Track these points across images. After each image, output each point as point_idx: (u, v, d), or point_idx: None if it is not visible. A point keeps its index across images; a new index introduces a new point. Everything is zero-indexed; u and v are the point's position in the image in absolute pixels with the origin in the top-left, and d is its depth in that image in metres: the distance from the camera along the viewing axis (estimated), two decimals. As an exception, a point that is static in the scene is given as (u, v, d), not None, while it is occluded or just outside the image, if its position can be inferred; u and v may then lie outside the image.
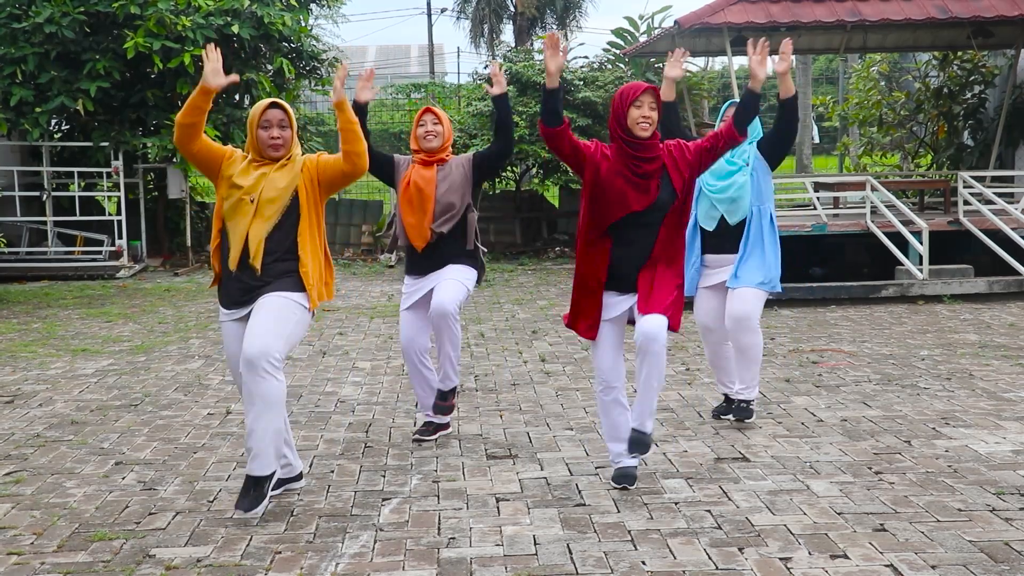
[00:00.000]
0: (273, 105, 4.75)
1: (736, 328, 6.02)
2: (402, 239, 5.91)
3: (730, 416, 6.22)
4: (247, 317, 4.74)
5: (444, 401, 5.93)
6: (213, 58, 4.66)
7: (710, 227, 6.10)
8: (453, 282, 5.77)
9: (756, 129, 6.11)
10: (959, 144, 16.37)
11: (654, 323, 4.87)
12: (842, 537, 4.37)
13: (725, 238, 6.08)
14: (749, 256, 6.00)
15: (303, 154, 4.88)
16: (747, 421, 6.15)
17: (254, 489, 4.65)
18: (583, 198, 5.08)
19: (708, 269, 6.17)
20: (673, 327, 5.01)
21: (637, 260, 4.99)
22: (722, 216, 6.06)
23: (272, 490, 4.81)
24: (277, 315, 4.65)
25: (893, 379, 7.37)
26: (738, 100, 6.06)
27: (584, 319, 5.13)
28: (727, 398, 6.29)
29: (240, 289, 4.74)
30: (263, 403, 4.60)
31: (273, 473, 4.72)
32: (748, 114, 5.11)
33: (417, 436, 5.94)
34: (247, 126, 4.79)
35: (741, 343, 6.05)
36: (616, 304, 5.07)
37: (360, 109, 5.41)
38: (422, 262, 5.85)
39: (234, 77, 4.78)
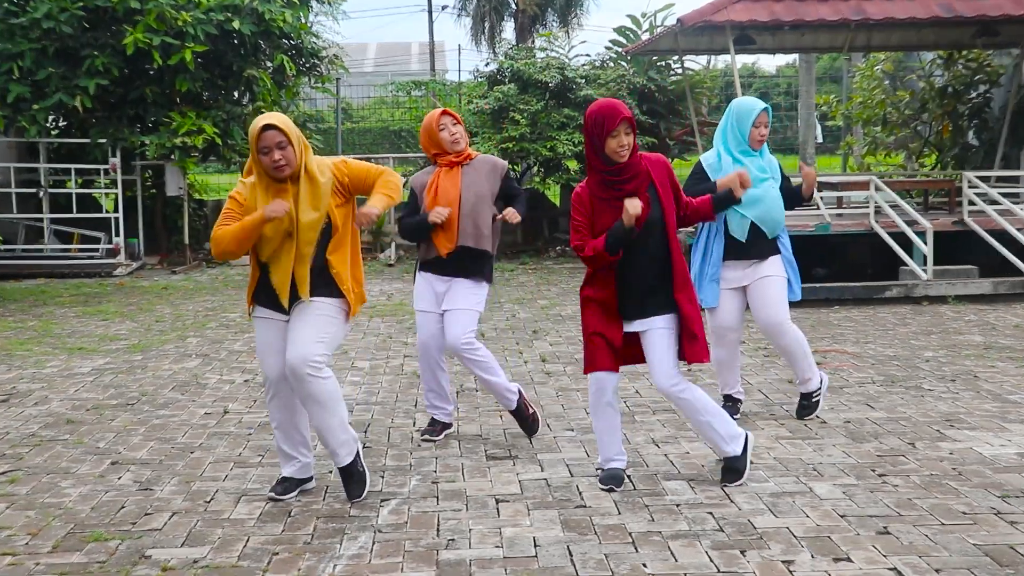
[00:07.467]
0: (266, 127, 4.58)
1: (777, 332, 6.20)
2: (427, 248, 5.83)
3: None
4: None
5: (522, 417, 5.98)
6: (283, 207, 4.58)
7: (742, 237, 6.06)
8: (463, 313, 5.74)
9: (775, 169, 6.21)
10: (964, 144, 16.35)
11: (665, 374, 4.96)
12: (845, 540, 4.35)
13: (750, 246, 6.08)
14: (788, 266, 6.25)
15: (318, 156, 4.79)
16: (811, 416, 6.29)
17: (351, 477, 4.87)
18: None
19: (729, 272, 6.13)
20: (705, 358, 5.00)
21: (642, 286, 4.91)
22: (752, 225, 6.03)
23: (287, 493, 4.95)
24: (315, 320, 4.73)
25: (897, 381, 7.36)
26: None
27: (601, 351, 4.97)
28: (726, 399, 6.34)
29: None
30: (316, 404, 4.74)
31: (357, 452, 4.90)
32: (724, 207, 5.17)
33: (425, 436, 5.96)
34: (249, 145, 4.70)
35: (780, 344, 6.27)
36: (632, 325, 5.00)
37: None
38: (440, 262, 5.81)
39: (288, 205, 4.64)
